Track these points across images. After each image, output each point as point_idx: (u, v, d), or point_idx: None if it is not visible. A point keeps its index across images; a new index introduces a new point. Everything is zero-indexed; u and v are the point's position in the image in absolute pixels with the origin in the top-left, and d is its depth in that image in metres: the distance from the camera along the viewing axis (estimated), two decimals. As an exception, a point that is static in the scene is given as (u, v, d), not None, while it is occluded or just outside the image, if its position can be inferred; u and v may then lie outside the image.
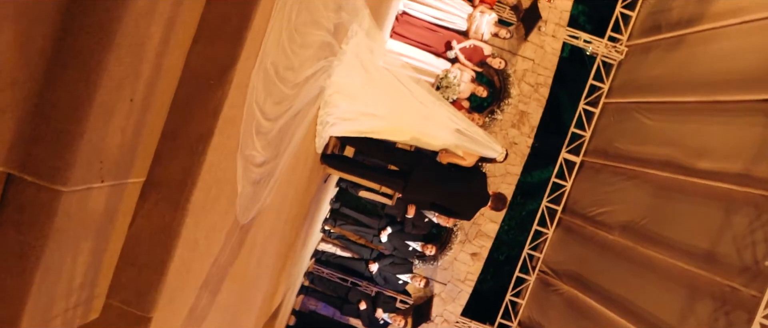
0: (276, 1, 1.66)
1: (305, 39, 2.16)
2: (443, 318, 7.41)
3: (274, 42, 1.78)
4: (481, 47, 5.80)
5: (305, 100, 2.51)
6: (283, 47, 1.91)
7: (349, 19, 2.75)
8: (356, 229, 6.66)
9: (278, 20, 1.74)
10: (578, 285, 7.01)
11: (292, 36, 1.96)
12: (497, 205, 3.87)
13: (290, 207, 3.62)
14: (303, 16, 2.01)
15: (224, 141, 1.71)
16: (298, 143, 2.73)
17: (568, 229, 7.65)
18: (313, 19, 2.18)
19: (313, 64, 2.42)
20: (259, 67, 1.72)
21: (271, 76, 1.89)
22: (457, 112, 3.83)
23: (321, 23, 2.31)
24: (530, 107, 7.07)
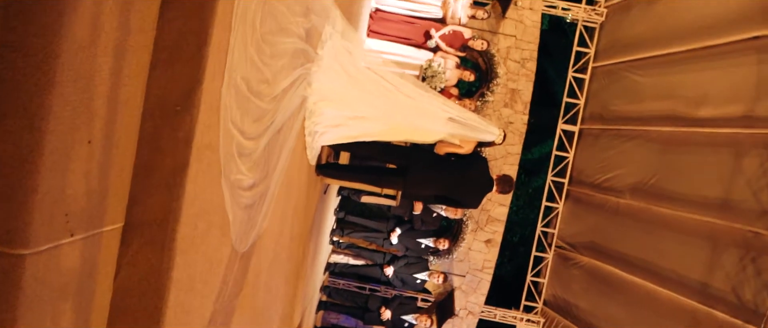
0: (235, 12, 1.54)
1: (275, 48, 2.04)
2: (468, 311, 7.28)
3: (241, 55, 1.66)
4: (461, 32, 5.69)
5: (287, 113, 2.39)
6: (252, 60, 1.79)
7: (320, 22, 2.64)
8: (365, 235, 6.54)
9: (241, 32, 1.62)
10: (597, 255, 6.89)
11: (260, 47, 1.85)
12: (504, 187, 3.75)
13: (292, 225, 3.50)
14: (268, 25, 1.89)
15: (203, 169, 1.59)
16: (287, 159, 2.61)
17: (577, 200, 7.52)
18: (281, 26, 2.06)
19: (289, 73, 2.30)
20: (228, 84, 1.60)
21: (244, 92, 1.77)
22: (448, 100, 3.72)
23: (290, 30, 2.19)
24: (520, 84, 6.95)
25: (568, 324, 7.24)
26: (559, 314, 7.46)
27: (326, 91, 3.10)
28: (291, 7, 2.17)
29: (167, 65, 1.43)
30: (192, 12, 1.40)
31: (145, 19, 1.33)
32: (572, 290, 7.25)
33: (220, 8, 1.44)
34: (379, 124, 3.45)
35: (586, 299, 6.95)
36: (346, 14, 3.93)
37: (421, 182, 3.69)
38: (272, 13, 1.92)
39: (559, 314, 7.47)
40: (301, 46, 2.45)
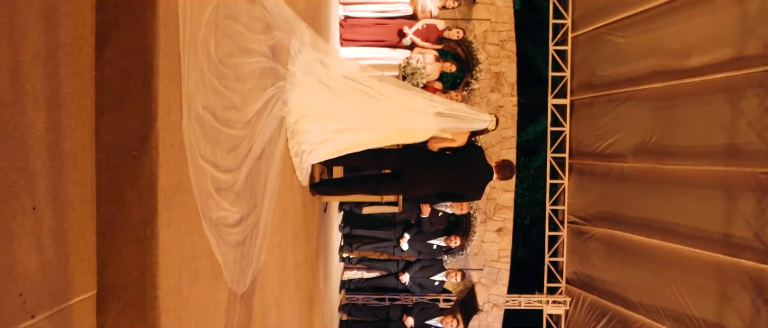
0: (182, 39, 1.41)
1: (239, 71, 1.90)
2: (492, 303, 7.11)
3: (198, 84, 1.52)
4: (434, 24, 5.58)
5: (265, 137, 2.25)
6: (214, 87, 1.65)
7: (285, 37, 2.51)
8: (375, 246, 6.37)
9: (193, 59, 1.48)
10: (611, 224, 6.75)
11: (221, 71, 1.71)
12: (504, 173, 3.61)
13: (295, 251, 3.35)
14: (225, 47, 1.76)
15: (177, 214, 1.45)
16: (276, 184, 2.46)
17: (581, 172, 7.39)
18: (241, 47, 1.93)
19: (260, 95, 2.17)
20: (189, 117, 1.46)
21: (210, 122, 1.63)
22: (433, 95, 3.59)
23: (252, 49, 2.06)
24: (503, 66, 6.84)
25: (595, 299, 7.08)
26: (584, 290, 7.30)
27: (305, 108, 2.97)
28: (249, 25, 2.04)
29: (115, 108, 1.29)
30: (131, 47, 1.27)
31: (80, 62, 1.20)
32: (593, 264, 7.10)
33: (161, 38, 1.31)
34: (367, 133, 3.32)
35: (609, 270, 6.80)
36: (314, 26, 3.81)
37: (420, 182, 3.56)
38: (228, 35, 1.79)
39: (584, 291, 7.31)
40: (269, 64, 2.31)
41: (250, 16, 2.04)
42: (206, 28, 1.58)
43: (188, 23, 1.45)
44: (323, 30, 4.42)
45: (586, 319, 7.19)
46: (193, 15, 1.48)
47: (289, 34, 2.58)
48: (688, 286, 5.55)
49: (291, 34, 2.60)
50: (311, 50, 3.09)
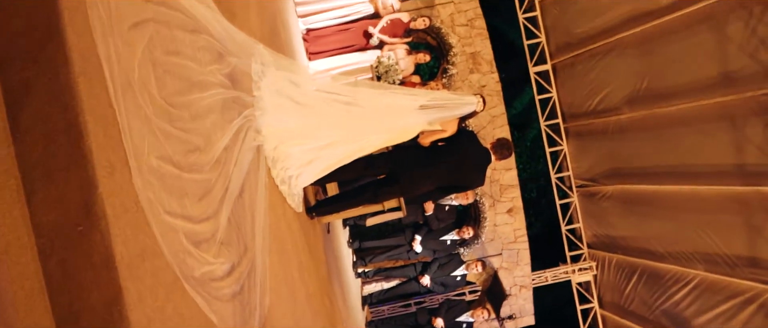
0: (112, 87, 1.23)
1: (194, 109, 1.72)
2: (519, 286, 6.92)
3: (144, 133, 1.34)
4: (399, 18, 5.42)
5: (242, 173, 2.06)
6: (166, 132, 1.47)
7: (242, 62, 2.33)
8: (388, 255, 6.18)
9: (131, 106, 1.30)
10: (620, 179, 6.59)
11: (171, 113, 1.53)
12: (502, 153, 3.44)
13: (305, 283, 3.16)
14: (171, 86, 1.57)
15: (149, 283, 1.26)
16: (265, 220, 2.27)
17: (578, 134, 7.23)
18: (191, 82, 1.75)
19: (226, 129, 1.99)
20: (140, 173, 1.28)
21: (170, 172, 1.44)
22: (412, 89, 3.42)
23: (206, 82, 1.88)
24: (477, 45, 6.68)
25: (620, 258, 6.91)
26: (608, 252, 7.13)
27: (281, 132, 2.78)
28: (196, 57, 1.86)
29: (46, 183, 1.10)
30: (49, 109, 1.09)
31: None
32: (611, 224, 6.93)
33: (83, 91, 1.13)
34: (352, 143, 3.14)
35: (628, 226, 6.63)
36: (275, 46, 3.64)
37: (418, 181, 3.38)
38: (172, 72, 1.61)
39: (607, 252, 7.14)
40: (230, 94, 2.13)
41: (195, 47, 1.86)
42: (141, 69, 1.39)
43: (116, 68, 1.27)
44: (287, 49, 4.25)
45: (616, 280, 7.01)
46: (120, 58, 1.30)
47: (247, 58, 2.40)
48: (713, 225, 5.39)
49: (248, 58, 2.42)
50: (276, 71, 2.90)
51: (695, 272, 5.75)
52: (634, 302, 6.77)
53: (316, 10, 5.21)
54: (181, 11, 1.76)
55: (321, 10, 5.21)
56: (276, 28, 3.85)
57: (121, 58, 1.30)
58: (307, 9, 5.25)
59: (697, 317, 5.78)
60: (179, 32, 1.73)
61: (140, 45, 1.44)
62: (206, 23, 1.96)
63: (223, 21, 2.13)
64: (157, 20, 1.57)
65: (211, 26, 2.00)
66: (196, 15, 1.87)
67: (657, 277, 6.30)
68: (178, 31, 1.72)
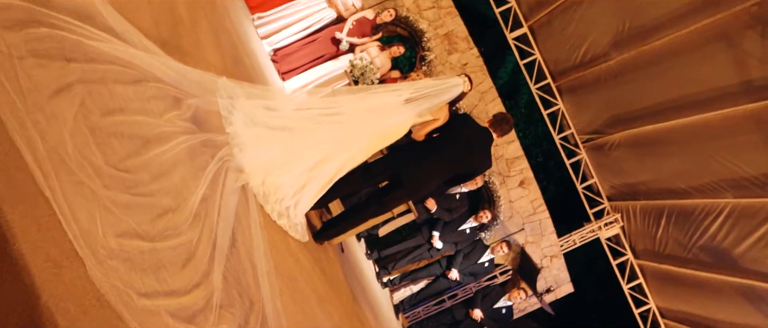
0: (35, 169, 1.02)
1: (154, 167, 1.52)
2: (549, 256, 6.71)
3: (92, 212, 1.14)
4: (363, 16, 5.22)
5: (229, 221, 1.86)
6: (123, 203, 1.27)
7: (204, 100, 2.13)
8: (410, 258, 5.97)
9: (68, 185, 1.10)
10: (626, 124, 6.37)
11: (125, 180, 1.32)
12: (502, 128, 3.23)
13: (329, 315, 2.95)
14: (119, 149, 1.37)
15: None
16: (268, 264, 2.07)
17: (571, 89, 7.01)
18: (145, 139, 1.55)
19: (199, 178, 1.78)
20: (96, 261, 1.07)
21: (137, 248, 1.24)
22: (393, 84, 3.21)
23: (164, 133, 1.68)
24: (448, 25, 6.47)
25: (644, 204, 6.69)
26: (630, 200, 6.91)
27: (266, 164, 2.58)
28: (148, 109, 1.66)
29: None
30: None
31: None
32: (626, 171, 6.71)
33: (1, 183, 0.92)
34: (342, 154, 2.93)
35: (644, 170, 6.41)
36: (243, 75, 3.44)
37: (422, 179, 3.17)
38: (117, 134, 1.40)
39: (629, 201, 6.92)
40: (197, 139, 1.93)
41: (143, 99, 1.66)
42: (76, 139, 1.19)
43: (41, 147, 1.07)
44: (256, 74, 4.05)
45: (645, 226, 6.79)
46: (45, 135, 1.10)
47: (208, 96, 2.19)
48: (731, 149, 5.17)
49: (210, 95, 2.22)
50: (247, 100, 2.71)
51: (724, 200, 5.52)
52: (668, 244, 6.55)
53: (278, 28, 5.01)
54: (117, 63, 1.56)
55: (283, 27, 5.00)
56: (239, 56, 3.64)
57: (45, 135, 1.10)
58: (269, 29, 5.05)
59: (736, 246, 5.56)
60: (119, 87, 1.52)
61: (70, 113, 1.23)
62: (151, 70, 1.76)
63: (171, 63, 1.93)
64: (87, 80, 1.37)
65: (159, 71, 1.80)
66: (137, 63, 1.67)
67: (686, 214, 6.08)
68: (118, 86, 1.52)
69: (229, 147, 2.28)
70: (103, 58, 1.49)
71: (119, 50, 1.59)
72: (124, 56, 1.61)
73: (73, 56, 1.36)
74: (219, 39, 3.20)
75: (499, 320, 5.86)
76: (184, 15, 2.64)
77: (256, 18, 5.04)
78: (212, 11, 3.42)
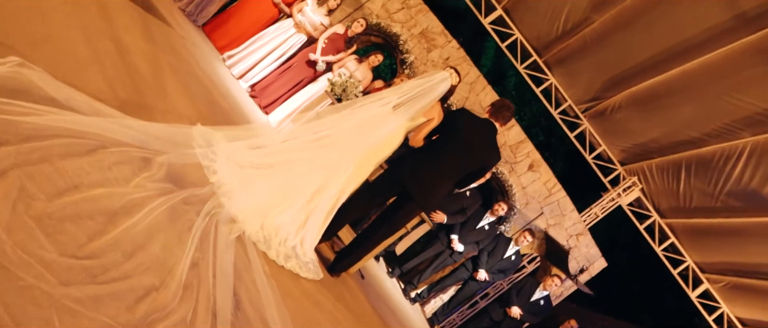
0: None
1: (126, 243, 1.31)
2: (574, 235, 6.46)
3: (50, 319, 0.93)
4: (334, 32, 5.05)
5: (228, 282, 1.65)
6: (90, 297, 1.06)
7: (177, 154, 1.93)
8: (433, 267, 5.73)
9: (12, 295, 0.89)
10: (623, 85, 6.18)
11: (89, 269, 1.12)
12: (504, 115, 3.03)
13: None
14: (78, 233, 1.17)
15: None
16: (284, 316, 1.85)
17: (559, 61, 6.84)
18: (110, 212, 1.35)
19: (184, 242, 1.58)
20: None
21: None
22: (378, 93, 3.01)
23: (134, 201, 1.48)
24: (421, 22, 6.32)
25: (658, 161, 6.46)
26: (644, 161, 6.69)
27: (260, 206, 2.38)
28: (109, 179, 1.46)
29: None
30: None
31: None
32: (633, 132, 6.49)
33: None
34: (340, 179, 2.73)
35: (652, 127, 6.19)
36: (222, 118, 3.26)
37: (430, 187, 2.95)
38: (74, 215, 1.20)
39: (643, 161, 6.69)
40: (175, 198, 1.73)
41: (103, 168, 1.46)
42: (15, 236, 0.99)
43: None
44: (238, 115, 3.86)
45: (665, 184, 6.55)
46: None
47: (182, 148, 2.00)
48: (738, 86, 4.96)
49: (184, 147, 2.02)
50: (228, 144, 2.52)
51: (743, 140, 5.30)
52: (694, 197, 6.30)
53: (251, 64, 4.84)
54: (63, 136, 1.37)
55: (255, 61, 4.84)
56: (214, 100, 3.46)
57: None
58: (242, 67, 4.89)
59: (765, 185, 5.32)
60: (69, 161, 1.33)
61: (5, 206, 1.03)
62: (108, 134, 1.57)
63: (131, 122, 1.74)
64: (25, 162, 1.17)
65: (117, 134, 1.61)
66: (89, 131, 1.48)
67: (705, 163, 5.85)
68: (67, 161, 1.32)
69: (215, 198, 2.08)
70: (43, 133, 1.30)
71: (64, 121, 1.40)
72: (71, 126, 1.42)
73: (4, 138, 1.16)
74: (188, 86, 3.02)
75: (539, 313, 5.59)
76: (145, 69, 2.46)
77: (226, 57, 4.88)
78: (177, 59, 3.25)
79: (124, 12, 2.86)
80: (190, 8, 4.72)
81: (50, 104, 1.41)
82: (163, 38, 3.30)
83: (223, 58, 4.90)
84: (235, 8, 5.05)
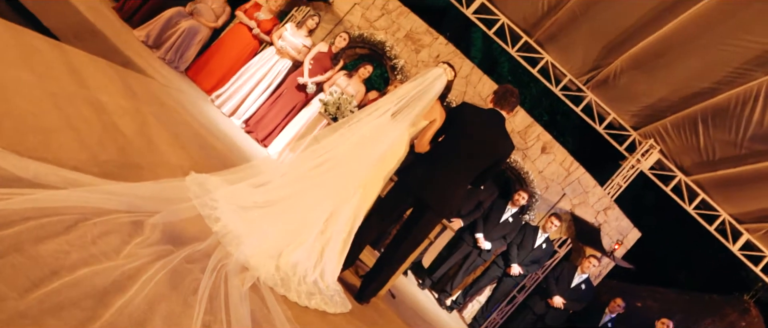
0: None
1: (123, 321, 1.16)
2: (601, 209, 6.21)
3: None
4: (318, 51, 4.93)
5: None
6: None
7: (170, 213, 1.78)
8: (464, 271, 5.51)
9: None
10: (618, 51, 6.00)
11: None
12: (509, 101, 2.85)
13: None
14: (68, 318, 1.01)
15: None
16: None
17: (551, 37, 6.66)
18: (100, 293, 1.19)
19: (191, 306, 1.42)
20: None
21: None
22: (373, 105, 2.85)
23: (126, 274, 1.32)
24: (404, 25, 6.19)
25: (672, 119, 6.23)
26: (657, 121, 6.46)
27: (272, 247, 2.22)
28: (94, 254, 1.30)
29: None
30: None
31: None
32: (641, 94, 6.28)
33: None
34: (351, 201, 2.57)
35: (659, 86, 5.98)
36: (216, 162, 3.12)
37: (447, 192, 2.77)
38: (53, 308, 1.05)
39: (657, 121, 6.46)
40: (175, 260, 1.57)
41: (86, 244, 1.31)
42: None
43: None
44: (236, 154, 3.73)
45: (683, 140, 6.31)
46: None
47: (175, 204, 1.85)
48: (740, 27, 4.74)
49: (177, 202, 1.87)
50: (229, 187, 2.37)
51: (756, 81, 5.07)
52: (716, 148, 6.05)
53: (241, 100, 4.72)
54: (35, 217, 1.22)
55: (245, 96, 4.72)
56: (207, 143, 3.33)
57: None
58: (231, 104, 4.78)
59: (790, 121, 5.07)
60: (44, 245, 1.18)
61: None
62: (88, 204, 1.42)
63: (115, 186, 1.59)
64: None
65: (99, 202, 1.46)
66: (65, 205, 1.33)
67: (722, 112, 5.61)
68: (42, 245, 1.17)
69: (221, 248, 1.92)
70: (10, 220, 1.15)
71: (34, 200, 1.25)
72: (43, 205, 1.27)
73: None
74: (177, 135, 2.89)
75: (583, 298, 5.34)
76: (126, 126, 2.33)
77: (215, 97, 4.77)
78: (161, 109, 3.12)
79: (98, 72, 2.75)
80: (169, 56, 4.63)
81: (16, 185, 1.26)
82: (144, 91, 3.18)
83: (212, 99, 4.79)
84: (214, 48, 4.96)
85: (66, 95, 2.03)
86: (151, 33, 4.60)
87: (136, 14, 4.76)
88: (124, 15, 4.80)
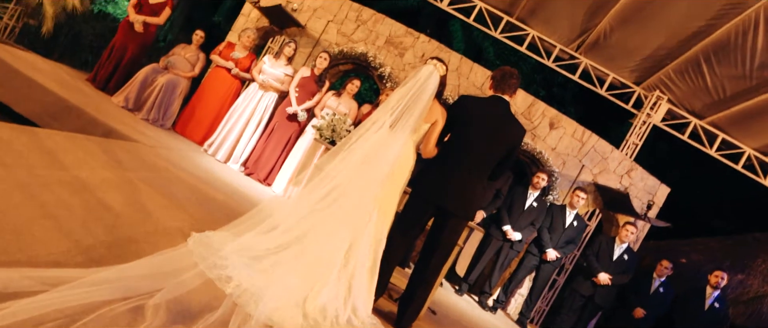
0: None
1: None
2: (624, 172, 5.96)
3: None
4: (301, 77, 4.77)
5: None
6: None
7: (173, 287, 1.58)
8: (500, 266, 5.25)
9: None
10: (603, 10, 5.86)
11: None
12: (510, 83, 2.66)
13: None
14: None
15: None
16: None
17: (532, 12, 6.50)
18: None
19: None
20: None
21: None
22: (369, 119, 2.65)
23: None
24: (383, 31, 6.03)
25: (673, 65, 6.02)
26: (658, 71, 6.25)
27: (295, 294, 2.02)
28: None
29: None
30: None
31: None
32: (635, 48, 6.08)
33: None
34: (368, 227, 2.37)
35: (652, 36, 5.78)
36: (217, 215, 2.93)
37: (466, 195, 2.58)
38: None
39: (658, 71, 6.25)
40: None
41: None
42: None
43: None
44: (239, 200, 3.54)
45: (689, 84, 6.09)
46: None
47: (177, 275, 1.65)
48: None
49: (179, 274, 1.68)
50: (237, 239, 2.19)
51: (752, 9, 4.87)
52: (725, 85, 5.82)
53: (233, 143, 4.55)
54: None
55: (237, 139, 4.55)
56: (207, 197, 3.14)
57: None
58: (225, 150, 4.61)
59: (798, 42, 4.85)
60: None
61: None
62: (76, 302, 1.22)
63: (104, 274, 1.40)
64: None
65: (87, 297, 1.27)
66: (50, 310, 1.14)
67: (723, 47, 5.40)
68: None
69: (239, 311, 1.72)
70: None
71: (10, 315, 1.06)
72: (19, 318, 1.08)
73: None
74: (172, 196, 2.71)
75: (628, 268, 5.07)
76: (113, 200, 2.14)
77: (207, 146, 4.61)
78: (151, 172, 2.95)
79: (76, 149, 2.58)
80: (152, 115, 4.48)
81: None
82: (130, 157, 3.01)
83: (205, 149, 4.62)
84: (197, 97, 4.81)
85: (39, 183, 1.85)
86: (130, 96, 4.45)
87: (111, 81, 4.62)
88: (98, 85, 4.66)
